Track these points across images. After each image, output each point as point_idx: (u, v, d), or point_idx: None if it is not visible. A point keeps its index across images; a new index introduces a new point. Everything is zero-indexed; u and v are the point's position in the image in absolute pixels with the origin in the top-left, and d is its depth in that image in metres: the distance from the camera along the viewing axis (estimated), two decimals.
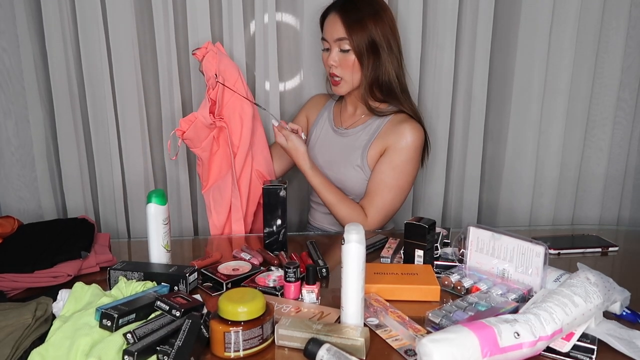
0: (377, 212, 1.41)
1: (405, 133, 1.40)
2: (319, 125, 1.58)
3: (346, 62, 1.39)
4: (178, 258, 1.23)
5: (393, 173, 1.41)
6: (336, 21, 1.38)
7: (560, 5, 1.61)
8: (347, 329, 0.85)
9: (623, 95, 1.71)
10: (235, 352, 0.82)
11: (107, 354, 0.79)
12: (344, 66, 1.40)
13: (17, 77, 1.55)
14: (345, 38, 1.36)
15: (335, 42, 1.38)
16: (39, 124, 1.60)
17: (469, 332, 0.77)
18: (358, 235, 0.87)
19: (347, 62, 1.39)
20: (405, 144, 1.40)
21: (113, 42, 1.54)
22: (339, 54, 1.39)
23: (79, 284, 0.97)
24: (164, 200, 1.12)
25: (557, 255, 1.26)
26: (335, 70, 1.41)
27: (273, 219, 1.25)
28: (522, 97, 1.69)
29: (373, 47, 1.37)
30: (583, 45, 1.65)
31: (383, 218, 1.43)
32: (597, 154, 1.76)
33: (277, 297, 1.01)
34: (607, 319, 0.90)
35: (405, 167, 1.41)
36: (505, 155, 1.75)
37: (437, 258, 1.18)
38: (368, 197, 1.42)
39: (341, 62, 1.40)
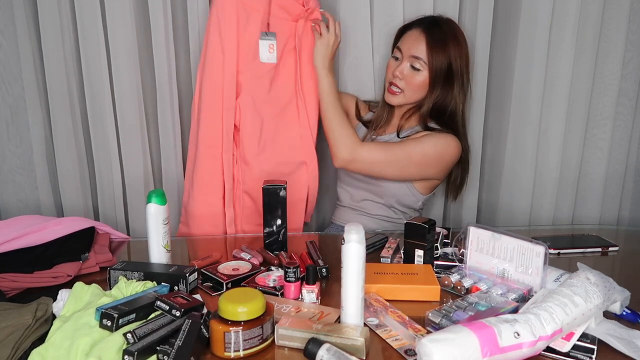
0: (373, 152, 1.39)
1: (444, 135, 1.41)
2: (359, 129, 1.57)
3: (412, 79, 1.41)
4: (178, 258, 1.23)
5: (412, 142, 1.40)
6: (420, 39, 1.39)
7: (560, 5, 1.61)
8: (347, 328, 0.85)
9: (623, 95, 1.71)
10: (235, 352, 0.82)
11: (107, 354, 0.79)
12: (408, 82, 1.41)
13: (16, 77, 1.55)
14: (421, 58, 1.38)
15: (410, 57, 1.40)
16: (39, 124, 1.60)
17: (469, 332, 0.77)
18: (358, 235, 0.87)
19: (414, 79, 1.40)
20: (438, 138, 1.40)
21: (112, 42, 1.54)
22: (408, 69, 1.41)
23: (79, 283, 0.97)
24: (164, 200, 1.12)
25: (557, 255, 1.26)
26: (398, 82, 1.42)
27: (273, 219, 1.25)
28: (522, 96, 1.69)
29: (449, 72, 1.40)
30: (583, 45, 1.65)
31: (370, 162, 1.39)
32: (597, 154, 1.75)
33: (277, 297, 1.01)
34: (607, 318, 0.90)
35: (426, 147, 1.39)
36: (505, 155, 1.75)
37: (437, 258, 1.18)
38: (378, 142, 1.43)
39: (408, 77, 1.41)
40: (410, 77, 1.41)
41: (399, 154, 1.39)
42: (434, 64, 1.38)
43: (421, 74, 1.40)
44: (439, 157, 1.42)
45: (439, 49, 1.38)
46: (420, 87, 1.42)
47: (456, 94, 1.43)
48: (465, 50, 1.43)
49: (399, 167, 1.40)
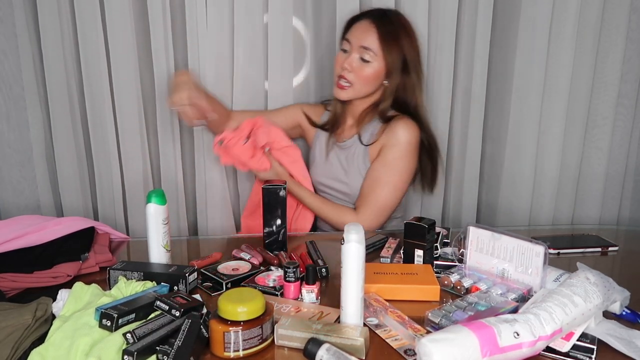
0: (370, 210, 1.41)
1: (397, 130, 1.39)
2: (320, 139, 1.56)
3: (362, 72, 1.38)
4: (178, 258, 1.23)
5: (385, 169, 1.40)
6: (369, 30, 1.36)
7: (560, 5, 1.61)
8: (347, 328, 0.85)
9: (623, 95, 1.71)
10: (235, 352, 0.82)
11: (107, 354, 0.79)
12: (358, 75, 1.38)
13: (16, 77, 1.55)
14: (371, 49, 1.35)
15: (359, 47, 1.37)
16: (38, 124, 1.60)
17: (469, 332, 0.77)
18: (358, 235, 0.87)
19: (363, 72, 1.37)
20: (396, 140, 1.39)
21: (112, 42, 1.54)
22: (357, 61, 1.38)
23: (78, 283, 0.97)
24: (164, 200, 1.12)
25: (556, 255, 1.26)
26: (347, 75, 1.39)
27: (273, 219, 1.25)
28: (522, 96, 1.69)
29: (403, 65, 1.38)
30: (583, 44, 1.65)
31: (377, 216, 1.42)
32: (597, 153, 1.75)
33: (277, 297, 1.01)
34: (606, 318, 0.90)
35: (398, 164, 1.40)
36: (504, 155, 1.75)
37: (436, 258, 1.18)
38: (361, 197, 1.43)
39: (357, 70, 1.38)
40: (359, 69, 1.37)
41: (386, 190, 1.41)
42: (388, 58, 1.36)
43: (371, 66, 1.36)
44: (410, 159, 1.42)
45: (391, 41, 1.36)
46: (369, 79, 1.38)
47: (414, 85, 1.41)
48: (415, 41, 1.41)
49: (395, 197, 1.43)
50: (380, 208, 1.42)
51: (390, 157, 1.40)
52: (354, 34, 1.39)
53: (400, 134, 1.39)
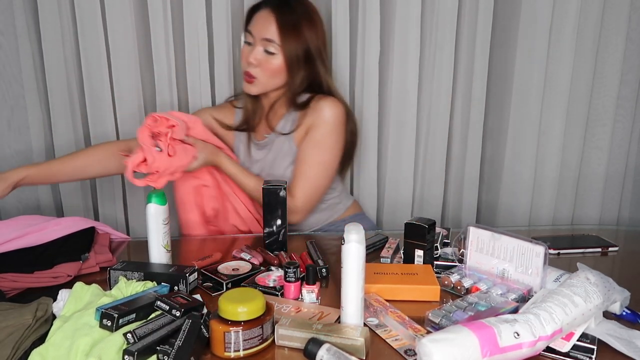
0: (302, 191, 1.35)
1: (323, 108, 1.34)
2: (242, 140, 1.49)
3: (268, 65, 1.31)
4: (178, 258, 1.23)
5: (314, 149, 1.35)
6: (269, 20, 1.30)
7: (560, 5, 1.61)
8: (347, 329, 0.85)
9: (623, 94, 1.71)
10: (235, 352, 0.82)
11: (107, 354, 0.79)
12: (264, 68, 1.32)
13: (16, 77, 1.55)
14: (273, 41, 1.30)
15: (262, 40, 1.31)
16: (38, 124, 1.60)
17: (469, 332, 0.77)
18: (358, 235, 0.87)
19: (269, 64, 1.31)
20: (322, 119, 1.34)
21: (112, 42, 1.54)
22: (262, 54, 1.31)
23: (79, 284, 0.97)
24: (164, 200, 1.12)
25: (557, 255, 1.26)
26: (253, 70, 1.33)
27: (273, 219, 1.25)
28: (522, 97, 1.69)
29: (307, 55, 1.33)
30: (583, 44, 1.65)
31: (311, 197, 1.37)
32: (597, 154, 1.75)
33: (277, 297, 1.01)
34: (607, 318, 0.90)
35: (326, 142, 1.36)
36: (504, 155, 1.75)
37: (437, 258, 1.18)
38: (293, 179, 1.36)
39: (263, 63, 1.32)
40: (265, 62, 1.31)
41: (316, 169, 1.36)
42: (288, 51, 1.30)
43: (276, 58, 1.30)
44: (338, 135, 1.37)
45: (291, 32, 1.30)
46: (276, 72, 1.32)
47: (320, 73, 1.36)
48: (320, 28, 1.36)
49: (326, 175, 1.38)
50: (313, 188, 1.36)
51: (318, 136, 1.35)
52: (254, 26, 1.32)
53: (326, 111, 1.34)
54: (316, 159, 1.36)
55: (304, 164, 1.36)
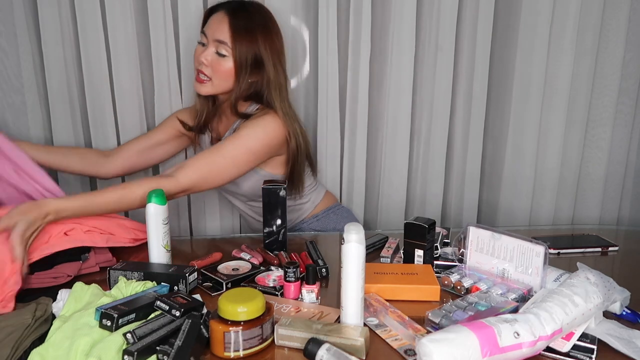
0: (194, 172, 1.25)
1: (258, 117, 1.32)
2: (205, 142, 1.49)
3: (219, 66, 1.30)
4: (178, 258, 1.23)
5: (232, 141, 1.29)
6: (223, 22, 1.29)
7: (560, 5, 1.61)
8: (347, 328, 0.85)
9: (623, 95, 1.71)
10: (235, 352, 0.82)
11: (107, 354, 0.79)
12: (215, 69, 1.31)
13: (16, 77, 1.55)
14: (225, 43, 1.28)
15: (214, 41, 1.30)
16: (38, 124, 1.59)
17: (469, 332, 0.77)
18: (358, 235, 0.87)
19: (220, 66, 1.30)
20: (255, 122, 1.31)
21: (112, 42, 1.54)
22: (213, 55, 1.30)
23: (78, 283, 0.97)
24: (164, 200, 1.12)
25: (557, 255, 1.26)
26: (205, 69, 1.31)
27: (273, 219, 1.25)
28: (522, 97, 1.69)
29: (256, 61, 1.30)
30: (583, 45, 1.65)
31: (198, 181, 1.26)
32: (597, 154, 1.76)
33: (277, 297, 1.01)
34: (607, 318, 0.90)
35: (245, 141, 1.29)
36: (505, 155, 1.75)
37: (437, 258, 1.18)
38: (191, 159, 1.28)
39: (214, 64, 1.31)
40: (216, 63, 1.30)
41: (222, 162, 1.28)
42: (238, 54, 1.28)
43: (227, 60, 1.29)
44: (266, 144, 1.32)
45: (243, 36, 1.28)
46: (228, 74, 1.31)
47: (270, 84, 1.32)
48: (276, 38, 1.33)
49: (228, 172, 1.30)
50: (207, 173, 1.27)
51: (243, 132, 1.30)
52: (209, 27, 1.32)
53: (259, 120, 1.31)
54: (230, 151, 1.29)
55: (216, 149, 1.29)
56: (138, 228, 1.29)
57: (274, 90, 1.33)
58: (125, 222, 1.27)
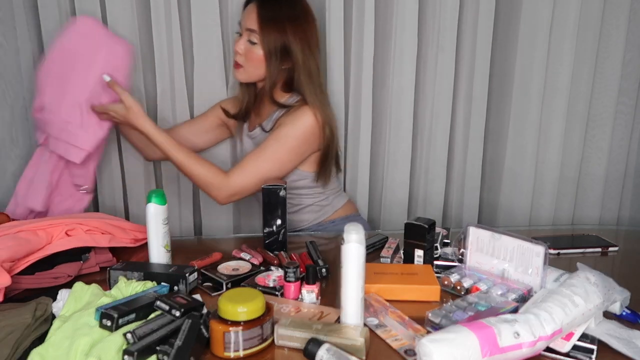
0: (243, 176, 1.33)
1: (298, 113, 1.36)
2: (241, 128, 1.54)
3: (251, 54, 1.36)
4: (178, 258, 1.23)
5: (274, 143, 1.35)
6: (253, 11, 1.34)
7: (561, 5, 1.61)
8: (347, 329, 0.85)
9: (623, 95, 1.71)
10: (235, 352, 0.82)
11: (107, 354, 0.79)
12: (248, 57, 1.36)
13: (16, 77, 1.55)
14: (255, 31, 1.33)
15: (246, 31, 1.35)
16: None
17: (469, 332, 0.77)
18: (358, 235, 0.87)
19: (252, 54, 1.35)
20: (293, 120, 1.35)
21: None
22: (246, 44, 1.36)
23: (78, 283, 0.97)
24: (164, 200, 1.12)
25: (557, 255, 1.26)
26: (238, 58, 1.38)
27: (273, 219, 1.25)
28: (522, 97, 1.69)
29: (285, 48, 1.34)
30: (583, 45, 1.65)
31: (248, 184, 1.34)
32: (597, 154, 1.75)
33: (277, 297, 1.01)
34: (607, 319, 0.90)
35: (288, 140, 1.35)
36: (505, 156, 1.75)
37: (437, 258, 1.18)
38: (241, 162, 1.36)
39: (247, 52, 1.36)
40: (249, 51, 1.36)
41: (267, 165, 1.34)
42: (266, 41, 1.33)
43: (257, 48, 1.34)
44: (305, 141, 1.37)
45: (269, 24, 1.33)
46: (259, 61, 1.35)
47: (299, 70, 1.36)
48: (306, 25, 1.37)
49: (275, 172, 1.36)
50: (254, 177, 1.33)
51: (282, 133, 1.35)
52: (243, 17, 1.38)
53: (300, 115, 1.35)
54: (272, 152, 1.35)
55: (259, 153, 1.35)
56: (137, 230, 1.29)
57: (304, 77, 1.37)
58: (125, 224, 1.28)
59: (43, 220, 1.17)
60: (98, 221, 1.21)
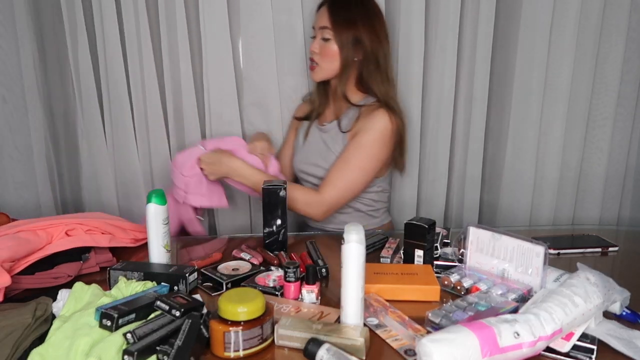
0: (335, 190, 1.39)
1: (375, 117, 1.41)
2: (303, 126, 1.60)
3: (325, 50, 1.42)
4: (178, 258, 1.23)
5: (357, 152, 1.40)
6: (324, 11, 1.43)
7: (561, 5, 1.61)
8: (347, 329, 0.85)
9: (623, 95, 1.71)
10: (235, 352, 0.82)
11: (107, 354, 0.79)
12: (323, 54, 1.43)
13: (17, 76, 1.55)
14: (327, 27, 1.40)
15: (319, 30, 1.43)
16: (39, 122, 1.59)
17: (469, 332, 0.77)
18: (358, 235, 0.87)
19: (327, 50, 1.42)
20: (372, 125, 1.40)
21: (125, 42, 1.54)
22: (320, 42, 1.43)
23: (78, 283, 0.97)
24: (164, 200, 1.12)
25: (557, 255, 1.26)
26: (315, 57, 1.45)
27: (273, 219, 1.25)
28: (523, 97, 1.69)
29: (356, 40, 1.40)
30: (583, 45, 1.65)
31: (341, 197, 1.41)
32: (597, 154, 1.75)
33: (277, 297, 1.01)
34: (607, 319, 0.90)
35: (370, 148, 1.41)
36: (505, 156, 1.75)
37: (437, 258, 1.18)
38: (328, 176, 1.41)
39: (321, 49, 1.43)
40: (323, 48, 1.43)
41: (353, 175, 1.41)
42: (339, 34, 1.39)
43: (332, 43, 1.42)
44: (383, 146, 1.42)
45: (342, 19, 1.40)
46: (334, 55, 1.42)
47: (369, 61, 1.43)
48: (375, 17, 1.43)
49: (362, 181, 1.43)
50: (345, 189, 1.41)
51: (364, 141, 1.40)
52: (316, 20, 1.46)
53: (376, 120, 1.40)
54: (356, 162, 1.41)
55: (344, 164, 1.41)
56: (137, 230, 1.29)
57: (373, 66, 1.43)
58: (125, 224, 1.28)
59: (43, 220, 1.17)
60: (98, 221, 1.21)
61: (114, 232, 1.23)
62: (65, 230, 1.15)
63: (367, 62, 1.43)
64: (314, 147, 1.53)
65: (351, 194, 1.43)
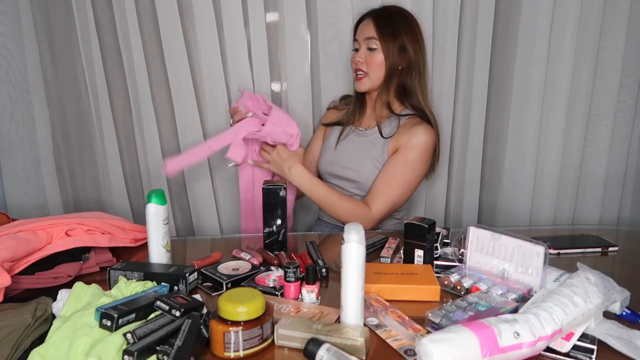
0: (384, 205, 1.44)
1: (419, 132, 1.45)
2: (334, 131, 1.62)
3: (372, 60, 1.46)
4: (178, 258, 1.23)
5: (404, 168, 1.45)
6: (369, 23, 1.47)
7: (560, 5, 1.61)
8: (347, 329, 0.85)
9: (623, 95, 1.71)
10: (235, 352, 0.82)
11: (107, 354, 0.79)
12: (369, 63, 1.47)
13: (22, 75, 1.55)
14: (373, 37, 1.44)
15: (364, 40, 1.47)
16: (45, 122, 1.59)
17: (469, 332, 0.77)
18: (358, 235, 0.87)
19: (373, 59, 1.46)
20: (417, 142, 1.45)
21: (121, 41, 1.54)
22: (365, 52, 1.47)
23: (78, 283, 0.97)
24: (164, 200, 1.12)
25: (557, 255, 1.26)
26: (361, 67, 1.48)
27: (273, 219, 1.25)
28: (522, 97, 1.69)
29: (401, 48, 1.45)
30: (583, 45, 1.65)
31: (387, 212, 1.46)
32: (597, 154, 1.75)
33: (277, 297, 1.01)
34: (607, 319, 0.90)
35: (416, 165, 1.46)
36: (505, 156, 1.75)
37: (437, 258, 1.18)
38: (375, 191, 1.45)
39: (367, 59, 1.47)
40: (369, 57, 1.47)
41: (400, 190, 1.45)
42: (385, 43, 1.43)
43: (378, 52, 1.46)
44: (426, 162, 1.49)
45: (387, 29, 1.44)
46: (380, 64, 1.46)
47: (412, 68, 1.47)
48: (415, 26, 1.48)
49: (407, 196, 1.49)
50: (391, 204, 1.46)
51: (410, 157, 1.45)
52: (359, 32, 1.50)
53: (421, 136, 1.45)
54: (403, 178, 1.45)
55: (391, 179, 1.45)
56: (137, 230, 1.29)
57: (415, 73, 1.48)
58: (124, 224, 1.28)
59: (43, 220, 1.17)
60: (98, 221, 1.21)
61: (114, 232, 1.23)
62: (65, 230, 1.15)
63: (409, 70, 1.47)
64: (348, 151, 1.55)
65: (396, 207, 1.49)
